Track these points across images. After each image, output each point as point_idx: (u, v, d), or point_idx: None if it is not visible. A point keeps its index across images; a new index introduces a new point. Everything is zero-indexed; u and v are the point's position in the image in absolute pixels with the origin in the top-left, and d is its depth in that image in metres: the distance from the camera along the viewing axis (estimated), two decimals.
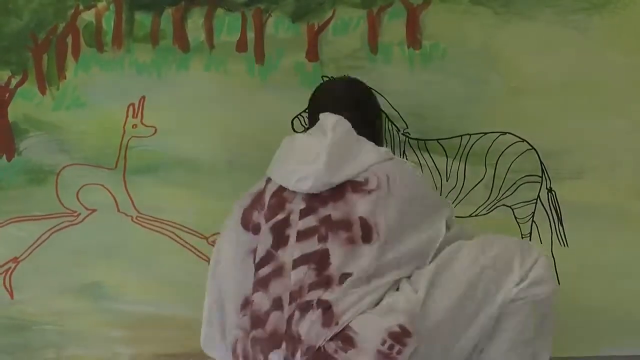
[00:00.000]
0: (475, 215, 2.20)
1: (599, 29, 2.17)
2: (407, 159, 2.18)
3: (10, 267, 2.24)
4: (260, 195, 1.70)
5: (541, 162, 2.19)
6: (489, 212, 2.20)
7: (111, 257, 2.24)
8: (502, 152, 2.19)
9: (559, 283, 2.15)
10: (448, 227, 1.67)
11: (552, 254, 2.18)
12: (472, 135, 2.19)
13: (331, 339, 1.51)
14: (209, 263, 2.21)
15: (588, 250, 2.18)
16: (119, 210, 2.24)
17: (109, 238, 2.24)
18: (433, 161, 2.19)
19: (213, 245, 2.19)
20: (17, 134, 2.23)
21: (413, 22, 2.19)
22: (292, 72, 2.20)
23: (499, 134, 2.18)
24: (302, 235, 1.60)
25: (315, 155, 1.62)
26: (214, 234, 2.22)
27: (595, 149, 2.18)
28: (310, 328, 1.52)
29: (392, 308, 1.53)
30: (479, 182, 2.19)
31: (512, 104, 2.17)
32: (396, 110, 2.19)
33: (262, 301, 1.60)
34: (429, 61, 2.19)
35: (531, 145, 2.18)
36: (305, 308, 1.54)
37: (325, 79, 2.18)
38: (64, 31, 2.22)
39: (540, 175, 2.19)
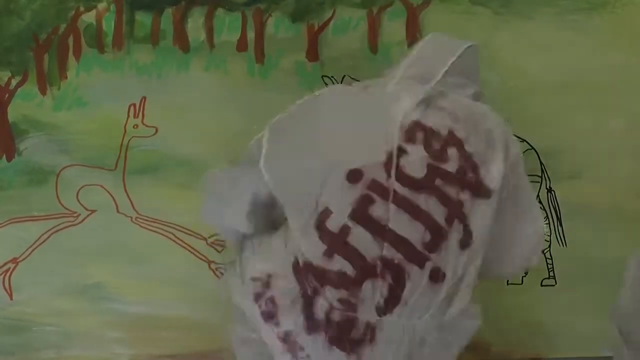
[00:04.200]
0: None
1: (598, 29, 2.17)
2: None
3: (9, 268, 2.24)
4: None
5: (541, 162, 2.19)
6: None
7: (111, 258, 2.23)
8: None
9: (555, 283, 2.17)
10: None
11: (551, 253, 2.19)
12: None
13: None
14: (208, 264, 2.22)
15: (587, 250, 2.18)
16: (118, 211, 2.24)
17: (108, 239, 2.24)
18: None
19: (212, 247, 2.21)
20: (17, 134, 2.24)
21: (413, 22, 2.20)
22: (292, 72, 2.21)
23: None
24: None
25: None
26: (213, 235, 2.22)
27: (594, 149, 2.18)
28: None
29: None
30: None
31: (511, 104, 2.17)
32: None
33: None
34: None
35: (531, 145, 2.19)
36: None
37: (325, 79, 2.19)
38: (65, 32, 2.23)
39: (540, 175, 2.19)
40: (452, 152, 1.58)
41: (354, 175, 1.56)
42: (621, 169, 2.18)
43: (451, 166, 1.57)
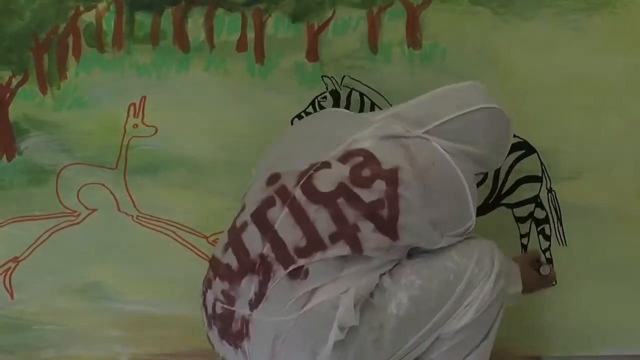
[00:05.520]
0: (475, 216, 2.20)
1: (598, 29, 2.16)
2: None
3: (10, 267, 2.25)
4: None
5: (541, 162, 2.19)
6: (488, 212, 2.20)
7: (111, 257, 2.24)
8: None
9: (555, 282, 2.17)
10: None
11: (551, 253, 2.19)
12: None
13: None
14: (209, 262, 2.22)
15: (587, 250, 2.17)
16: (119, 210, 2.24)
17: (109, 238, 2.24)
18: None
19: (213, 245, 2.21)
20: (18, 133, 2.24)
21: (413, 22, 2.19)
22: (292, 72, 2.20)
23: None
24: None
25: None
26: (213, 234, 2.22)
27: (594, 149, 2.17)
28: None
29: None
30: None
31: (511, 104, 2.16)
32: None
33: None
34: (429, 61, 2.19)
35: (531, 146, 2.18)
36: None
37: (325, 79, 2.19)
38: (65, 31, 2.22)
39: (541, 175, 2.19)
40: (379, 184, 1.61)
41: (271, 179, 1.67)
42: (621, 169, 2.18)
43: (367, 195, 1.60)
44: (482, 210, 2.18)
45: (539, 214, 2.19)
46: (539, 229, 2.19)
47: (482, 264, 1.68)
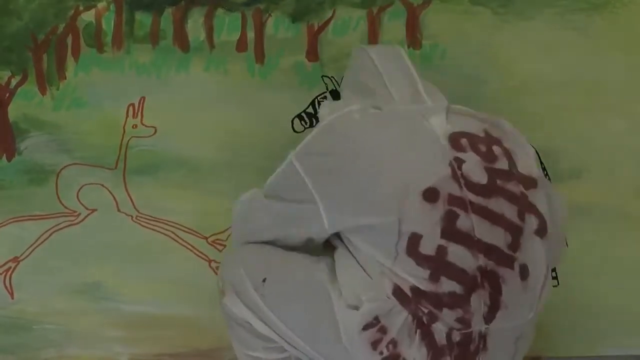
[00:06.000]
0: None
1: (598, 29, 2.17)
2: None
3: (10, 267, 2.24)
4: None
5: (541, 162, 2.18)
6: None
7: (111, 257, 2.23)
8: None
9: (557, 283, 2.17)
10: None
11: None
12: None
13: None
14: (208, 263, 2.22)
15: (587, 250, 2.17)
16: (119, 210, 2.24)
17: (109, 238, 2.23)
18: None
19: (212, 245, 2.21)
20: (18, 133, 2.23)
21: (413, 22, 2.19)
22: (292, 72, 2.21)
23: None
24: None
25: None
26: (213, 234, 2.22)
27: (594, 149, 2.18)
28: None
29: None
30: None
31: (511, 104, 2.17)
32: None
33: None
34: (429, 61, 2.19)
35: (532, 146, 2.18)
36: None
37: (325, 79, 2.19)
38: (64, 31, 2.22)
39: None
40: (497, 150, 1.60)
41: (430, 194, 1.53)
42: (621, 169, 2.18)
43: (502, 164, 1.59)
44: None
45: None
46: None
47: None
